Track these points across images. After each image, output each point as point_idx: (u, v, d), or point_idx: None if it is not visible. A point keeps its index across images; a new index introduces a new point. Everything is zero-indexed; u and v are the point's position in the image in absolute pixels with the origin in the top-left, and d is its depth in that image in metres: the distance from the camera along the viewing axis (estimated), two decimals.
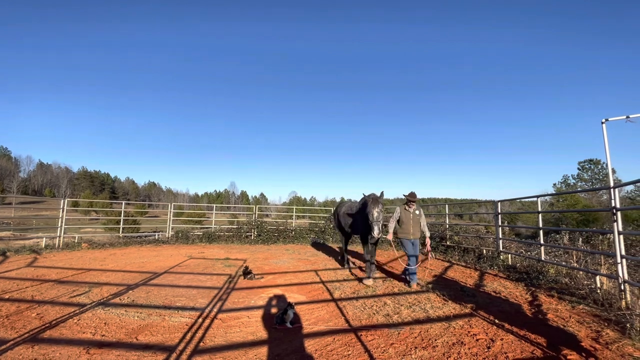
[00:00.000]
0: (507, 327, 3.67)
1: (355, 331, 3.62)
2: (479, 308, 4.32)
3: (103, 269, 6.74)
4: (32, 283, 5.40)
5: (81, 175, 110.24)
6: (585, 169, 37.20)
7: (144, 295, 4.89)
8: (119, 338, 3.39)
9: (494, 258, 7.39)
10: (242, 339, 3.45)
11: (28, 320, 3.76)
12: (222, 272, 6.63)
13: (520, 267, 6.60)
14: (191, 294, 5.04)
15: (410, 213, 5.62)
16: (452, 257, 8.21)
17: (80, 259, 7.89)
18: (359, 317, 4.06)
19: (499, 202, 7.96)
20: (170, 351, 3.11)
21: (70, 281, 5.61)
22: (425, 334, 3.52)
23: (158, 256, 8.50)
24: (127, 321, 3.85)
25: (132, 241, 11.45)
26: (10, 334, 3.39)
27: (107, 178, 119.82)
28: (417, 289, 5.28)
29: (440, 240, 9.72)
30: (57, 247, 9.48)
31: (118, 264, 7.34)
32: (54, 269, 6.55)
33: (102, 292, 5.01)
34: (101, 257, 8.24)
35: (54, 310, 4.14)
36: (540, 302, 4.53)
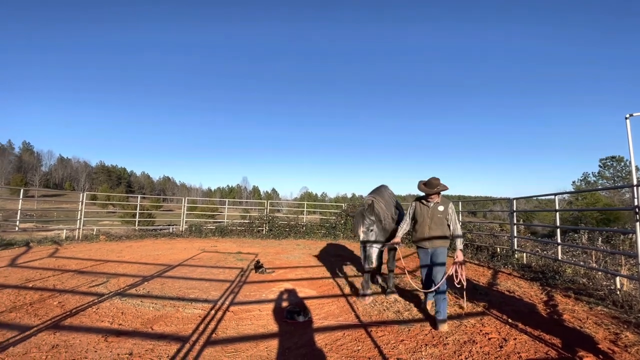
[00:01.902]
0: (521, 326, 3.60)
1: (365, 327, 3.62)
2: (491, 307, 4.26)
3: (120, 260, 6.95)
4: (53, 273, 5.62)
5: (99, 170, 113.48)
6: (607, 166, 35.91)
7: (159, 287, 5.02)
8: (135, 327, 3.50)
9: (508, 256, 7.25)
10: (253, 331, 3.51)
11: (50, 308, 3.92)
12: (234, 266, 6.73)
13: (535, 266, 6.45)
14: (204, 286, 5.15)
15: (428, 209, 3.91)
16: (466, 255, 8.08)
17: (98, 250, 8.16)
18: (369, 313, 4.07)
19: (514, 200, 7.78)
20: (184, 341, 3.19)
21: (89, 272, 5.81)
22: (436, 332, 3.49)
23: (172, 249, 8.70)
24: (142, 311, 3.97)
25: (147, 234, 11.74)
26: (33, 320, 3.55)
27: (123, 172, 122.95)
28: (446, 330, 3.51)
29: None
30: (77, 239, 9.82)
31: (134, 256, 7.55)
32: (73, 260, 6.80)
33: (119, 282, 5.17)
34: (118, 249, 8.49)
35: (74, 299, 4.30)
36: (556, 303, 4.42)
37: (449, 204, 3.91)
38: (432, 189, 3.78)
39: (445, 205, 3.90)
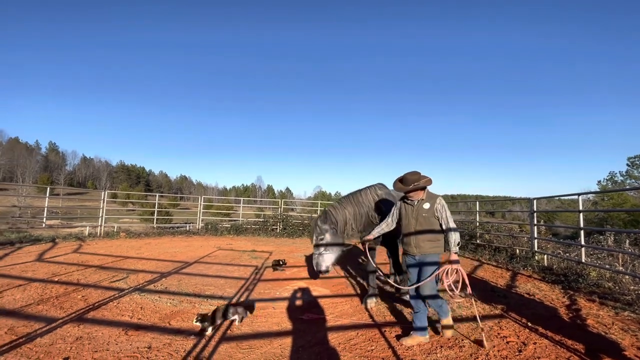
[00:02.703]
0: (541, 330, 3.49)
1: (379, 327, 3.60)
2: (510, 309, 4.14)
3: (139, 257, 7.16)
4: (77, 268, 5.85)
5: (119, 169, 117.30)
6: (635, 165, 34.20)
7: (176, 283, 5.14)
8: (154, 322, 3.60)
9: (528, 258, 7.03)
10: (267, 328, 3.54)
11: (74, 302, 4.09)
12: (249, 264, 6.82)
13: (557, 268, 6.23)
14: (219, 283, 5.24)
15: (413, 208, 3.35)
16: (483, 256, 7.90)
17: (118, 247, 8.43)
18: (383, 313, 4.03)
19: (534, 200, 7.53)
20: (200, 337, 3.25)
21: (110, 267, 6.02)
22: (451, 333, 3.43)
23: (189, 246, 8.89)
24: (160, 306, 4.07)
25: (165, 232, 12.05)
26: (59, 313, 3.71)
27: (142, 172, 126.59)
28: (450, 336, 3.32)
29: (470, 238, 9.38)
30: (99, 236, 10.19)
31: (152, 252, 7.77)
32: (96, 256, 7.06)
33: (139, 278, 5.32)
34: (137, 245, 8.75)
35: (96, 293, 4.47)
36: (579, 307, 4.25)
37: (437, 199, 3.30)
38: (408, 186, 3.29)
39: (432, 201, 3.29)
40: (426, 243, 3.27)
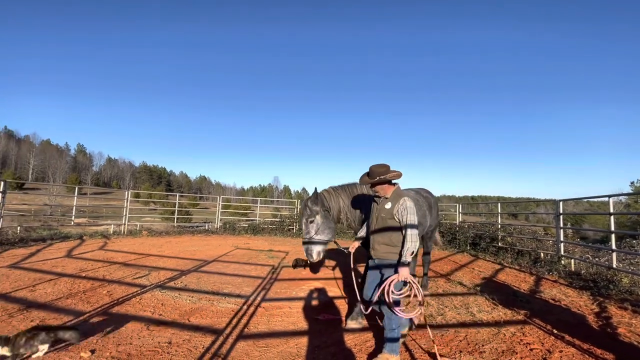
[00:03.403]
0: (568, 338, 3.33)
1: None
2: (534, 315, 3.98)
3: (160, 254, 7.38)
4: (102, 264, 6.10)
5: (142, 169, 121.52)
6: None
7: (195, 281, 5.27)
8: (174, 318, 3.70)
9: (554, 262, 6.74)
10: (283, 328, 3.56)
11: (100, 297, 4.26)
12: (266, 263, 6.89)
13: (585, 274, 5.94)
14: (237, 282, 5.32)
15: (377, 205, 3.08)
16: (504, 260, 7.64)
17: (141, 245, 8.72)
18: None
19: (560, 202, 7.22)
20: (218, 334, 3.32)
21: (133, 264, 6.24)
22: (471, 338, 3.33)
23: (207, 245, 9.08)
24: (180, 303, 4.18)
25: (185, 230, 12.36)
26: (86, 307, 3.87)
27: (163, 172, 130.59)
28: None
29: (491, 241, 9.10)
30: (123, 234, 10.58)
31: (173, 251, 7.99)
32: (120, 253, 7.33)
33: (160, 275, 5.49)
34: (158, 244, 9.03)
35: (120, 289, 4.64)
36: (610, 315, 4.04)
37: (400, 199, 2.89)
38: (373, 179, 2.96)
39: (395, 201, 2.91)
40: (382, 247, 2.94)
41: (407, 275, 2.76)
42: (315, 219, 3.59)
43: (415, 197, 4.44)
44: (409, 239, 2.79)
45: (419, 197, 4.57)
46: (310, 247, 3.55)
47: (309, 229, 3.56)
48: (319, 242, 3.58)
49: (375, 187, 3.03)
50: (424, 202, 4.54)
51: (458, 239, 9.57)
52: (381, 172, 2.95)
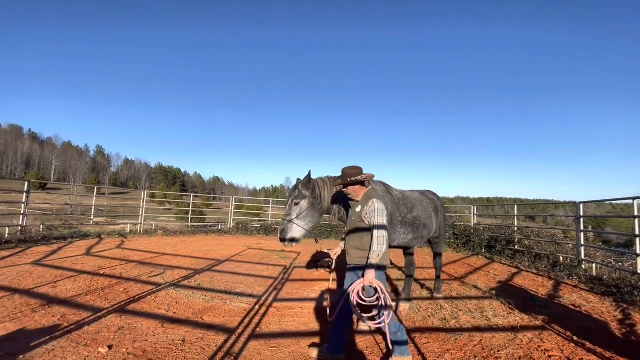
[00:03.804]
0: (589, 346, 3.21)
1: (409, 332, 3.49)
2: (552, 321, 3.85)
3: (174, 254, 7.52)
4: (120, 262, 6.26)
5: (157, 170, 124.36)
6: None
7: (209, 280, 5.34)
8: (188, 316, 3.76)
9: (574, 267, 6.51)
10: (295, 328, 3.57)
11: (117, 294, 4.37)
12: (278, 263, 6.92)
13: (607, 279, 5.71)
14: (249, 281, 5.37)
15: (351, 209, 3.04)
16: (521, 263, 7.44)
17: (156, 244, 8.92)
18: (412, 319, 3.92)
19: (581, 204, 6.98)
20: (230, 333, 3.35)
21: (148, 263, 6.38)
22: (486, 343, 3.25)
23: (221, 245, 9.20)
24: (194, 302, 4.25)
25: (198, 230, 12.57)
26: (104, 304, 3.99)
27: (178, 173, 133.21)
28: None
29: (507, 243, 8.87)
30: (139, 233, 10.85)
31: (187, 250, 8.13)
32: (136, 252, 7.51)
33: (174, 274, 5.59)
34: (173, 243, 9.21)
35: (136, 287, 4.75)
36: (634, 322, 3.87)
37: (369, 201, 2.81)
38: (345, 180, 2.89)
39: (364, 203, 2.85)
40: (354, 251, 2.87)
41: (373, 280, 2.62)
42: (301, 203, 3.35)
43: (419, 198, 4.37)
44: (375, 241, 2.70)
45: (424, 198, 4.49)
46: (285, 229, 3.28)
47: (291, 211, 3.32)
48: (297, 228, 3.29)
49: (347, 190, 2.95)
50: (429, 204, 4.44)
51: (473, 241, 9.38)
52: (352, 173, 2.90)
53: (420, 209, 4.17)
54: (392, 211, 3.75)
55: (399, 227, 3.87)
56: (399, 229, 3.87)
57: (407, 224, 3.94)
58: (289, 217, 3.31)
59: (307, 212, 3.34)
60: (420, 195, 4.52)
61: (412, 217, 4.00)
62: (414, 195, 4.32)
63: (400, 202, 3.93)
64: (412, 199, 4.19)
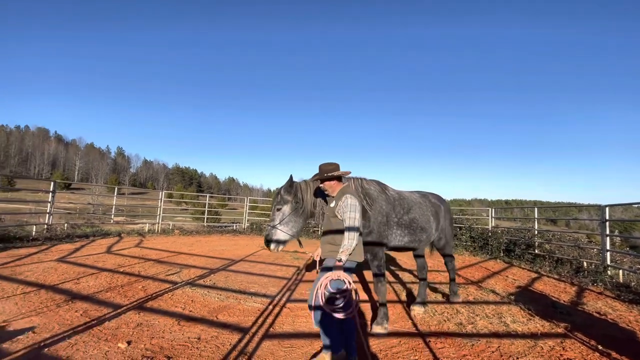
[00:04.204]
0: (615, 356, 3.06)
1: (423, 336, 3.44)
2: (575, 329, 3.70)
3: (190, 253, 7.68)
4: (138, 261, 6.44)
5: (175, 171, 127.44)
6: None
7: (223, 279, 5.42)
8: (203, 315, 3.83)
9: (599, 273, 6.23)
10: (308, 329, 3.57)
11: (135, 291, 4.50)
12: (291, 264, 6.95)
13: (636, 286, 5.45)
14: (263, 281, 5.41)
15: (327, 205, 3.10)
16: (542, 268, 7.19)
17: (173, 243, 9.12)
18: (427, 323, 3.85)
19: (607, 207, 6.68)
20: (244, 332, 3.38)
21: (165, 261, 6.53)
22: (504, 350, 3.16)
23: (235, 245, 9.32)
24: (209, 301, 4.32)
25: (214, 230, 12.78)
26: (123, 300, 4.11)
27: (194, 173, 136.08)
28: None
29: (527, 247, 8.59)
30: (156, 232, 11.13)
31: (202, 249, 8.28)
32: (154, 250, 7.71)
33: (190, 273, 5.70)
34: (189, 242, 9.40)
35: (154, 284, 4.87)
36: None
37: (343, 197, 2.84)
38: (322, 176, 2.96)
39: (338, 199, 2.88)
40: (326, 246, 2.90)
41: (341, 274, 2.62)
42: (283, 208, 3.35)
43: (418, 200, 4.19)
44: (345, 236, 2.71)
45: (424, 201, 4.30)
46: (270, 234, 3.31)
47: (275, 217, 3.34)
48: (280, 233, 3.30)
49: (324, 185, 3.02)
50: (428, 207, 4.25)
51: (490, 244, 9.13)
52: (328, 169, 2.97)
53: (417, 211, 4.03)
54: (387, 211, 3.69)
55: (395, 228, 3.77)
56: (395, 230, 3.78)
57: (404, 225, 3.84)
58: (272, 223, 3.34)
59: (289, 217, 3.35)
60: (420, 197, 4.33)
61: (408, 219, 3.89)
62: (412, 197, 4.17)
63: (396, 203, 3.84)
64: (410, 200, 4.05)
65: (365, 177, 3.81)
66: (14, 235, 7.53)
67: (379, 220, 3.60)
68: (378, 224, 3.57)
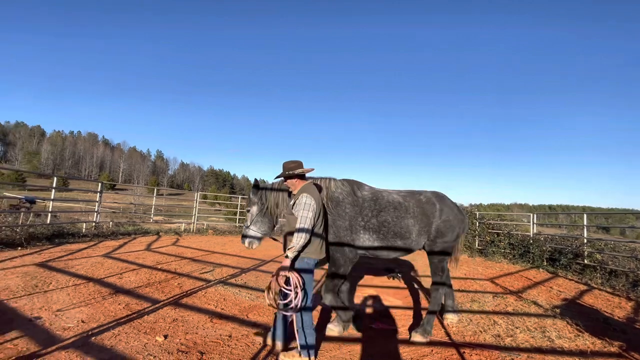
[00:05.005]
0: None
1: (457, 347, 3.27)
2: (631, 349, 3.35)
3: (223, 252, 7.93)
4: (174, 258, 6.77)
5: (209, 173, 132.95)
6: None
7: (254, 279, 5.53)
8: (234, 313, 3.93)
9: None
10: (337, 333, 3.53)
11: (172, 288, 4.72)
12: (321, 267, 6.94)
13: None
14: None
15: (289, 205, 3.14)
16: (592, 280, 6.60)
17: (207, 242, 9.49)
18: (461, 332, 3.67)
19: None
20: None
21: (200, 260, 6.80)
22: None
23: (265, 246, 9.50)
24: (240, 300, 4.43)
25: None
26: (160, 296, 4.32)
27: (227, 176, 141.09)
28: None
29: (574, 257, 7.92)
30: (192, 231, 11.64)
31: (234, 249, 8.52)
32: (189, 249, 8.06)
33: (222, 272, 5.89)
34: (222, 242, 9.72)
35: (189, 282, 5.09)
36: None
37: (300, 195, 2.87)
38: (284, 173, 3.02)
39: (296, 197, 2.92)
40: (287, 243, 2.95)
41: (287, 272, 2.72)
42: (251, 209, 3.50)
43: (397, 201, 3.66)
44: (295, 234, 2.76)
45: (409, 202, 3.70)
46: (244, 234, 3.52)
47: (247, 218, 3.55)
48: (251, 232, 3.48)
49: (287, 183, 3.10)
50: (409, 209, 3.64)
51: (532, 252, 8.54)
52: (291, 167, 3.00)
53: (391, 214, 3.56)
54: (353, 215, 3.48)
55: (362, 232, 3.50)
56: (362, 235, 3.50)
57: (371, 229, 3.50)
58: (246, 224, 3.55)
59: (257, 217, 3.49)
60: (405, 197, 3.75)
61: (377, 223, 3.52)
62: (390, 198, 3.69)
63: (365, 205, 3.55)
64: (385, 201, 3.62)
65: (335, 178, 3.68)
66: (67, 232, 8.23)
67: (339, 224, 3.40)
68: (337, 228, 3.39)
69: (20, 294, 3.96)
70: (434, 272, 3.73)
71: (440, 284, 3.67)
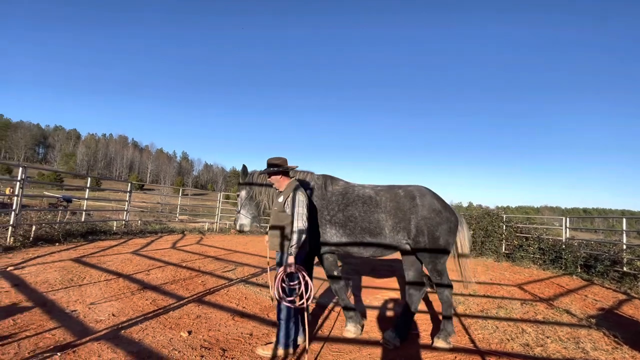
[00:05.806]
0: None
1: (483, 354, 3.15)
2: None
3: (245, 251, 8.08)
4: (198, 257, 6.97)
5: (232, 174, 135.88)
6: None
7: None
8: (255, 312, 3.99)
9: None
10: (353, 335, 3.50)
11: (195, 285, 4.86)
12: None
13: None
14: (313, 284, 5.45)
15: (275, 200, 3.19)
16: (632, 289, 6.16)
17: (229, 241, 9.70)
18: (487, 340, 3.53)
19: None
20: None
21: (222, 259, 6.96)
22: None
23: None
24: (261, 299, 4.49)
25: (266, 230, 13.30)
26: (184, 293, 4.46)
27: None
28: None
29: (612, 264, 7.42)
30: (215, 231, 11.94)
31: (256, 249, 8.66)
32: (212, 248, 8.27)
33: (244, 271, 5.99)
34: (244, 241, 9.91)
35: (212, 280, 5.22)
36: None
37: (291, 192, 2.95)
38: (268, 170, 3.09)
39: (286, 193, 2.98)
40: (274, 239, 3.01)
41: (292, 267, 2.80)
42: (241, 194, 3.66)
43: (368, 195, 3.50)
44: (295, 231, 2.84)
45: (382, 196, 3.48)
46: (236, 219, 3.70)
47: (238, 203, 3.70)
48: (242, 216, 3.62)
49: (271, 179, 3.14)
50: (385, 202, 3.43)
51: (564, 258, 8.08)
52: (275, 164, 3.06)
53: (358, 209, 3.40)
54: (319, 208, 3.45)
55: (328, 227, 3.43)
56: (329, 230, 3.42)
57: (338, 224, 3.40)
58: (237, 208, 3.71)
59: (245, 201, 3.64)
60: (379, 192, 3.54)
61: (343, 217, 3.40)
62: (362, 192, 3.54)
63: (332, 199, 3.50)
64: (355, 195, 3.49)
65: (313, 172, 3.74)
66: (100, 229, 8.68)
67: None
68: None
69: (57, 287, 4.22)
70: (430, 273, 3.48)
71: (443, 286, 3.40)
